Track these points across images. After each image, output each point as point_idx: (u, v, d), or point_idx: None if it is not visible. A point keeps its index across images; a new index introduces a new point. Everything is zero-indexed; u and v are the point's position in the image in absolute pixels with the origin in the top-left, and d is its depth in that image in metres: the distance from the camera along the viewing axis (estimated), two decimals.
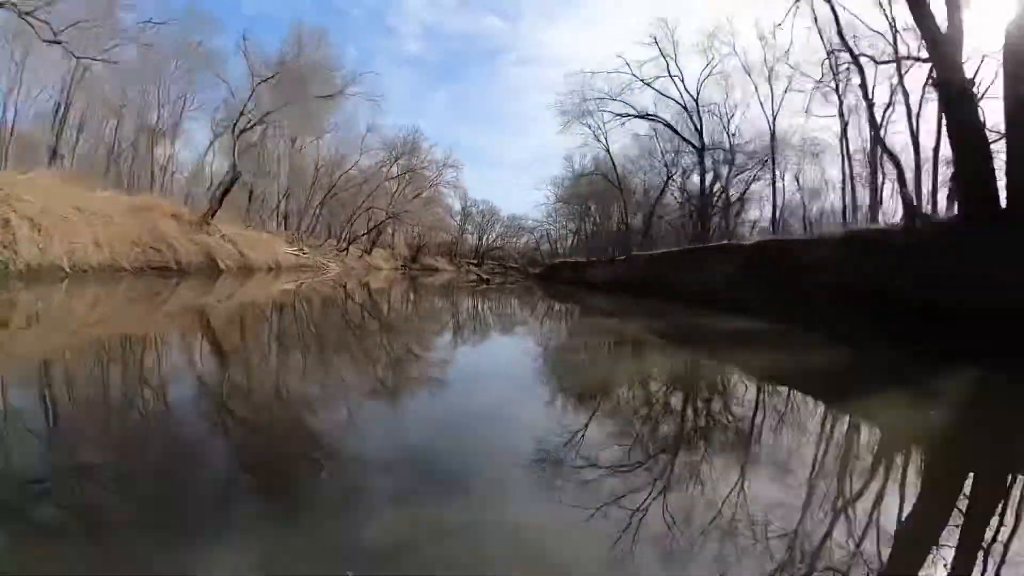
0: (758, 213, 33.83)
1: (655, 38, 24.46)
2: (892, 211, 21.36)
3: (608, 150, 29.07)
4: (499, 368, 4.58)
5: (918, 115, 17.91)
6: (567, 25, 72.10)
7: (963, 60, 8.95)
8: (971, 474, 2.16)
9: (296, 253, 23.67)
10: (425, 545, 1.37)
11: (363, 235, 38.92)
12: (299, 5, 57.56)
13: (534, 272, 38.82)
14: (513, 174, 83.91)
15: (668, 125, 26.12)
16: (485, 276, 26.91)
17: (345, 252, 34.09)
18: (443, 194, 48.59)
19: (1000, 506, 1.82)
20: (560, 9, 71.44)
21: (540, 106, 73.98)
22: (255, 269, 17.18)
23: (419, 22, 74.60)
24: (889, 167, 17.17)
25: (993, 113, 9.64)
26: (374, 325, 7.37)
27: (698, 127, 24.56)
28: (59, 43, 18.06)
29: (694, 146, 25.27)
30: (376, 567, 1.27)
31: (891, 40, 16.82)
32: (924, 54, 11.67)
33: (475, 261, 72.60)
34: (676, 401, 3.39)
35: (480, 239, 75.64)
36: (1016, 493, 1.93)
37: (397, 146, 37.92)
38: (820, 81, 20.92)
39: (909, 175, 14.71)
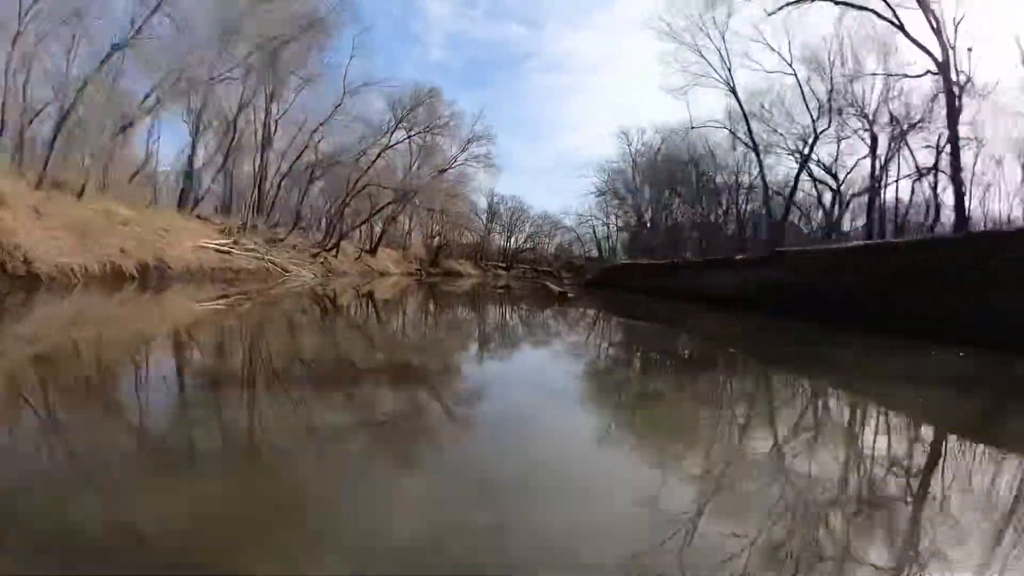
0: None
1: None
2: None
3: (735, 90, 19.33)
4: None
5: None
6: (590, 33, 72.08)
7: None
8: None
9: (226, 249, 14.56)
10: None
11: (359, 225, 29.69)
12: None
13: (569, 278, 29.23)
14: (537, 180, 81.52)
15: (891, 18, 14.99)
16: (560, 288, 16.18)
17: (332, 251, 24.98)
18: (469, 177, 38.24)
19: None
20: (584, 17, 70.90)
21: (565, 111, 74.90)
22: (44, 277, 7.99)
23: (443, 31, 75.23)
24: None
25: None
26: None
27: (933, 22, 13.54)
28: None
29: (935, 58, 14.15)
30: None
31: None
32: None
33: (503, 264, 63.78)
34: None
35: (508, 240, 66.46)
36: None
37: (405, 103, 28.26)
38: None
39: None
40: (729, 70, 20.19)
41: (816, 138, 19.91)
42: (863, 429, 2.95)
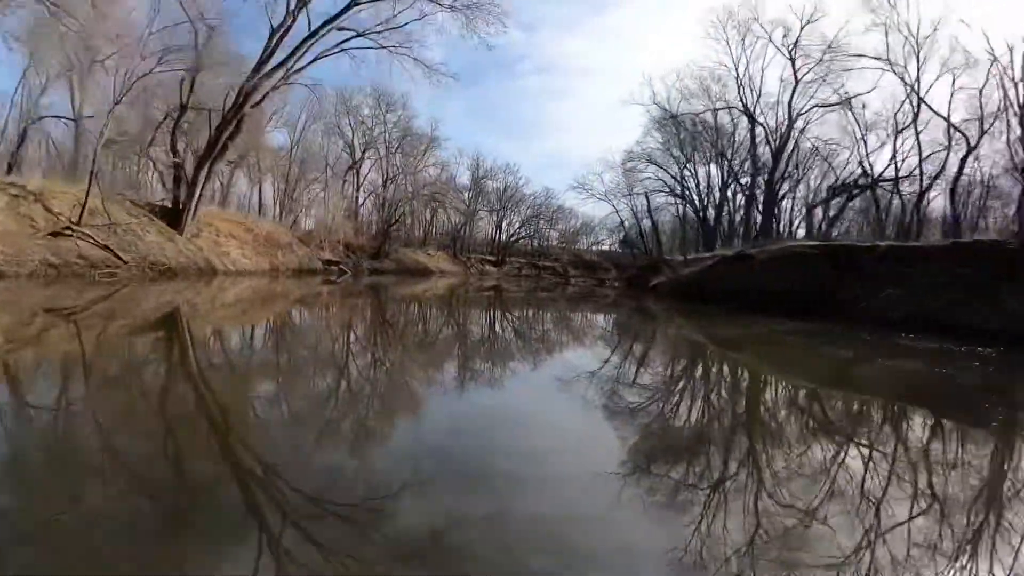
0: None
1: None
2: None
3: None
4: None
5: None
6: (584, 35, 76.07)
7: None
8: None
9: None
10: None
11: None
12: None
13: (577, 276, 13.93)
14: (530, 178, 77.69)
15: None
16: None
17: None
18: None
19: None
20: (577, 20, 74.58)
21: (556, 112, 78.43)
22: None
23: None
24: None
25: None
26: None
27: None
28: None
29: None
30: None
31: None
32: None
33: (492, 258, 48.16)
34: None
35: (499, 225, 50.46)
36: None
37: None
38: None
39: None
40: None
41: None
42: None
